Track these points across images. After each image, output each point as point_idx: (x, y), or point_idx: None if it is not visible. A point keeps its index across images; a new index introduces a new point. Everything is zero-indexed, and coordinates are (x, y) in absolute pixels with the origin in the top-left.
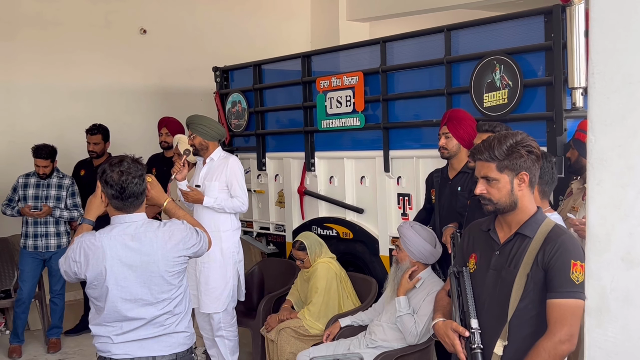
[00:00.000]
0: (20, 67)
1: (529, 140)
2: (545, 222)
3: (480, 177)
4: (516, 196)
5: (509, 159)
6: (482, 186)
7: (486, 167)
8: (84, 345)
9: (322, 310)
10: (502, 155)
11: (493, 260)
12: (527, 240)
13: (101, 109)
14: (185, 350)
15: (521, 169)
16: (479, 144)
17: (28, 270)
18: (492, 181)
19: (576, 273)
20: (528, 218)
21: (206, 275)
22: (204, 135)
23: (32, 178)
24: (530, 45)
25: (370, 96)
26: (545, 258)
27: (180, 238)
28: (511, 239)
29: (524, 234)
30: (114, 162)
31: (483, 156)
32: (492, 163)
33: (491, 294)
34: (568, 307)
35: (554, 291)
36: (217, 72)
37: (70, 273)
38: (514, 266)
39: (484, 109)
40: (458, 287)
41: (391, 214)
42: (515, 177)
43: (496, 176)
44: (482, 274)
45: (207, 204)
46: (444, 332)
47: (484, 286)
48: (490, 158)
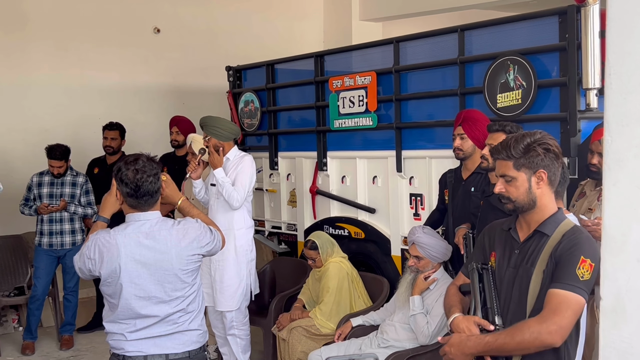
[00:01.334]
0: (35, 66)
1: (547, 139)
2: (564, 222)
3: (499, 176)
4: (534, 194)
5: (525, 157)
6: (500, 185)
7: (504, 165)
8: (97, 342)
9: (334, 309)
10: (518, 154)
11: (513, 258)
12: (545, 238)
13: (115, 108)
14: (198, 348)
15: (538, 167)
16: (498, 144)
17: (43, 268)
18: (510, 179)
19: (582, 270)
20: (548, 217)
21: (221, 274)
22: (218, 137)
23: (46, 177)
24: (544, 46)
25: (383, 96)
26: (558, 252)
27: (194, 236)
28: (530, 237)
29: (542, 232)
30: (130, 161)
31: (501, 155)
32: (509, 161)
33: (510, 291)
34: (566, 299)
35: (556, 281)
36: (230, 72)
37: (85, 270)
38: (531, 263)
39: (498, 110)
40: (480, 283)
41: (403, 214)
42: (533, 175)
43: (513, 174)
44: (502, 272)
45: (217, 174)
46: (465, 327)
47: (503, 284)
48: (507, 157)
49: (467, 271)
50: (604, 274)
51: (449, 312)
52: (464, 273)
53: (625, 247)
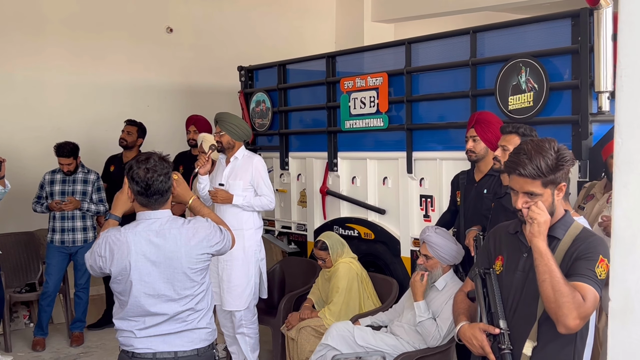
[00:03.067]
0: (49, 64)
1: (566, 151)
2: (573, 225)
3: (522, 193)
4: (555, 206)
5: (553, 174)
6: (524, 201)
7: (529, 183)
8: (106, 339)
9: (343, 309)
10: (548, 172)
11: (521, 262)
12: (556, 242)
13: (127, 106)
14: (206, 346)
15: (562, 181)
16: (518, 157)
17: (54, 264)
18: (535, 196)
19: (600, 268)
20: (557, 220)
21: (229, 273)
22: (232, 135)
23: (57, 174)
24: (556, 49)
25: (394, 97)
26: (576, 254)
27: (204, 235)
28: None
29: (552, 236)
30: (141, 159)
31: (526, 172)
32: (538, 180)
33: (519, 295)
34: (590, 291)
35: (576, 274)
36: (242, 72)
37: (96, 267)
38: None
39: (509, 112)
40: (484, 288)
41: (413, 216)
42: (556, 188)
43: (540, 192)
44: (510, 276)
45: (236, 203)
46: (471, 334)
47: (512, 288)
48: (537, 175)
49: (472, 276)
50: (614, 274)
51: (456, 320)
52: (470, 278)
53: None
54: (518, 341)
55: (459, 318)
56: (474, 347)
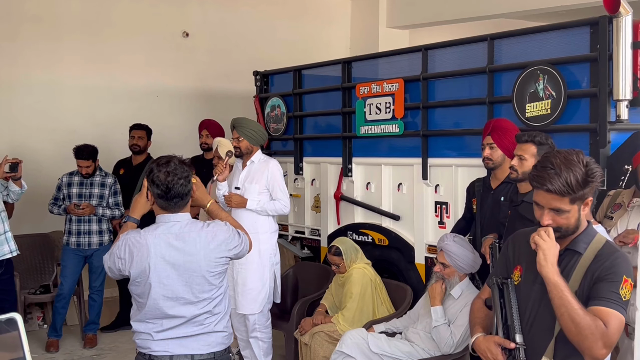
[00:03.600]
0: (65, 68)
1: (595, 166)
2: (596, 239)
3: (549, 209)
4: (581, 221)
5: (582, 190)
6: (549, 218)
7: (557, 200)
8: (120, 342)
9: (357, 315)
10: (577, 189)
11: (539, 275)
12: (577, 257)
13: (143, 110)
14: (223, 349)
15: (589, 196)
16: (546, 172)
17: (70, 267)
18: (562, 213)
19: (625, 290)
20: (579, 234)
21: (244, 277)
22: (251, 140)
23: (75, 177)
24: (575, 56)
25: (410, 103)
26: (596, 274)
27: (222, 239)
28: (561, 254)
29: (574, 250)
30: (162, 163)
31: (555, 187)
32: (567, 197)
33: (537, 309)
34: (615, 317)
35: (599, 299)
36: (257, 76)
37: (115, 269)
38: None
39: (526, 119)
40: (501, 299)
41: (428, 222)
42: (582, 203)
43: (568, 208)
44: (528, 288)
45: (250, 207)
46: (485, 347)
47: (530, 301)
48: (566, 192)
49: (490, 284)
50: None
51: (472, 330)
52: (488, 285)
53: None
54: (534, 356)
55: (474, 328)
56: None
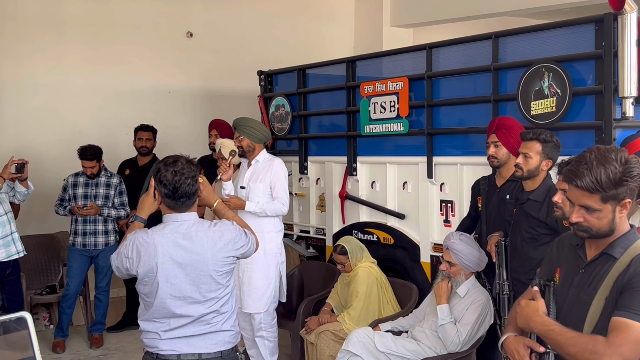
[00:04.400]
0: (70, 69)
1: (635, 167)
2: (635, 244)
3: (579, 205)
4: (616, 224)
5: (615, 190)
6: (579, 215)
7: (587, 196)
8: (126, 341)
9: (362, 314)
10: (609, 187)
11: (577, 278)
12: (612, 261)
13: (147, 110)
14: (230, 348)
15: (625, 197)
16: (579, 168)
17: (76, 267)
18: (593, 211)
19: None
20: (618, 237)
21: (249, 276)
22: (252, 138)
23: (80, 177)
24: (580, 54)
25: (414, 102)
26: (626, 278)
27: (229, 239)
28: (597, 258)
29: (609, 254)
30: (169, 162)
31: (584, 184)
32: (597, 195)
33: (569, 313)
34: (635, 329)
35: (623, 309)
36: (261, 76)
37: (122, 269)
38: (593, 288)
39: (531, 117)
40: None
41: (433, 221)
42: (618, 205)
43: (599, 207)
44: (564, 292)
45: (249, 209)
46: (514, 348)
47: (564, 304)
48: (595, 189)
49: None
50: None
51: (507, 329)
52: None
53: None
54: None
55: (508, 327)
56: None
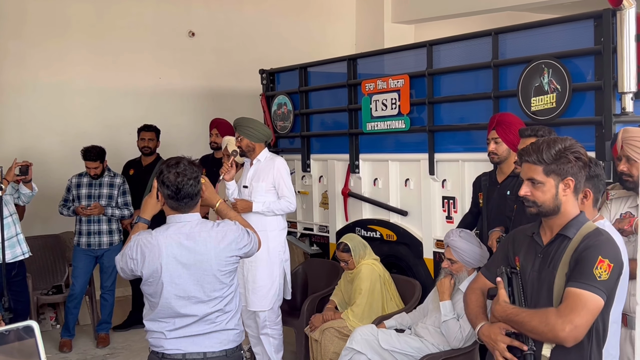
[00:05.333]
0: (72, 69)
1: (577, 147)
2: (586, 225)
3: (526, 179)
4: (560, 200)
5: (556, 164)
6: (527, 188)
7: (533, 169)
8: (132, 340)
9: (366, 311)
10: (549, 159)
11: (537, 262)
12: (567, 241)
13: (150, 110)
14: (234, 347)
15: (567, 175)
16: (528, 146)
17: (81, 267)
18: (537, 184)
19: (600, 270)
20: (570, 220)
21: (253, 274)
22: (251, 137)
23: (84, 178)
24: (579, 50)
25: (416, 99)
26: (577, 252)
27: (232, 238)
28: (553, 240)
29: (564, 235)
30: (171, 164)
31: (531, 158)
32: (539, 166)
33: (535, 295)
34: (582, 297)
35: (574, 280)
36: (263, 75)
37: (127, 270)
38: (552, 267)
39: (532, 113)
40: (509, 287)
41: (436, 217)
42: (561, 181)
43: (542, 179)
44: (525, 276)
45: (256, 210)
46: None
47: (527, 287)
48: (538, 161)
49: (490, 274)
50: None
51: (475, 322)
52: (485, 276)
53: None
54: (537, 342)
55: (477, 318)
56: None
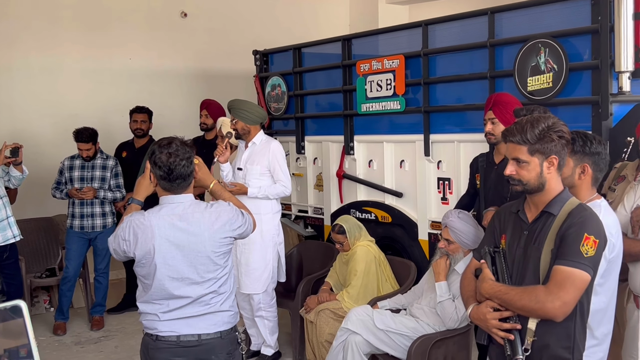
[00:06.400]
0: (63, 51)
1: (560, 125)
2: (570, 201)
3: (511, 159)
4: (545, 178)
5: (540, 143)
6: (512, 167)
7: (517, 149)
8: (127, 323)
9: (361, 292)
10: (533, 139)
11: (522, 239)
12: (552, 218)
13: (142, 92)
14: (229, 328)
15: (551, 153)
16: (512, 126)
17: (74, 250)
18: (522, 163)
19: (586, 246)
20: (554, 197)
21: (247, 257)
22: (246, 120)
23: (76, 160)
24: (576, 29)
25: (411, 79)
26: (562, 229)
27: (226, 219)
28: (538, 217)
29: (549, 212)
30: (163, 144)
31: (515, 139)
32: (524, 146)
33: (521, 271)
34: (571, 274)
35: (561, 258)
36: (257, 56)
37: (120, 251)
38: (538, 243)
39: (528, 93)
40: (493, 266)
41: (431, 199)
42: (545, 160)
43: (527, 159)
44: (512, 253)
45: (252, 195)
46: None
47: (514, 264)
48: (522, 141)
49: (480, 255)
50: None
51: (467, 303)
52: (475, 257)
53: None
54: (522, 317)
55: (468, 301)
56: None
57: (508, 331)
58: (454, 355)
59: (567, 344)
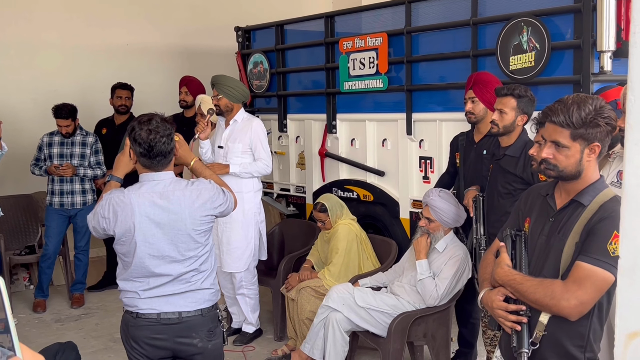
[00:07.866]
0: (44, 26)
1: (607, 110)
2: (604, 192)
3: (550, 141)
4: (583, 166)
5: (585, 128)
6: (549, 150)
7: (559, 132)
8: (107, 300)
9: (342, 270)
10: (579, 124)
11: (547, 226)
12: (581, 209)
13: (123, 68)
14: (210, 306)
15: (595, 140)
16: (555, 105)
17: (54, 227)
18: (561, 147)
19: (614, 245)
20: (587, 185)
21: (228, 236)
22: (230, 97)
23: (56, 137)
24: (558, 8)
25: (394, 58)
26: (592, 223)
27: (207, 197)
28: (566, 206)
29: (579, 202)
30: (143, 121)
31: (558, 119)
32: (567, 130)
33: (542, 260)
34: (592, 273)
35: (585, 254)
36: (239, 32)
37: (99, 229)
38: (563, 234)
39: (510, 72)
40: (513, 250)
41: (412, 177)
42: (587, 147)
43: (568, 143)
44: (534, 239)
45: (233, 172)
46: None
47: (535, 252)
48: (566, 124)
49: (502, 236)
50: (623, 233)
51: (481, 286)
52: (499, 239)
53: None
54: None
55: (483, 284)
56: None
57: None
58: (433, 333)
59: (579, 343)
